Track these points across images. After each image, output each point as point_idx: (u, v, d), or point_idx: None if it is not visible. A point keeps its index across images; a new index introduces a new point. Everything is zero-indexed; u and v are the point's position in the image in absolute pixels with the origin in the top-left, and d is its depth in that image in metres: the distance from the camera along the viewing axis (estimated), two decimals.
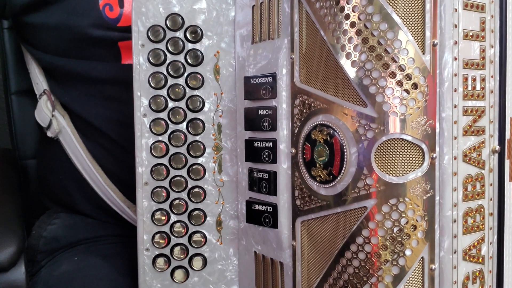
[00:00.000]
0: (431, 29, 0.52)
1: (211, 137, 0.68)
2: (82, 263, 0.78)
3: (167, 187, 0.68)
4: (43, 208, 0.89)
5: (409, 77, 0.51)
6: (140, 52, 0.66)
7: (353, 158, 0.53)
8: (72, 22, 0.74)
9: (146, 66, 0.66)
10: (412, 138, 0.52)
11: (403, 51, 0.51)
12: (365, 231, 0.53)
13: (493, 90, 0.56)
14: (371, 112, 0.52)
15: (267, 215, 0.62)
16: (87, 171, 0.71)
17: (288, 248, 0.61)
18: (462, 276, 0.55)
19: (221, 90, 0.68)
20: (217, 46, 0.67)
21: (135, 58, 0.66)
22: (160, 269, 0.68)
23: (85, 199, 0.82)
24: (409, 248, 0.53)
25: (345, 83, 0.54)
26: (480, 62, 0.54)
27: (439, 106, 0.52)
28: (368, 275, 0.54)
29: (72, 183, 0.81)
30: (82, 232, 0.83)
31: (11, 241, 0.69)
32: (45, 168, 0.84)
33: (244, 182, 0.66)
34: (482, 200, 0.56)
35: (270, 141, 0.61)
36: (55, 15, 0.71)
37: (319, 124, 0.56)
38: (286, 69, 0.60)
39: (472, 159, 0.54)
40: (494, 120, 0.56)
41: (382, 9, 0.51)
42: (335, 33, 0.54)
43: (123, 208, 0.73)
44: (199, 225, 0.69)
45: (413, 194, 0.52)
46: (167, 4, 0.66)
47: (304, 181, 0.58)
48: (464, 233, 0.54)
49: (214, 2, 0.67)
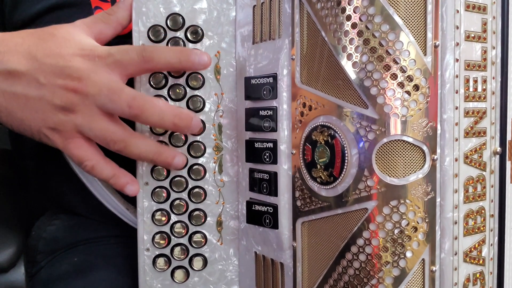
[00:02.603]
0: (432, 30, 0.51)
1: (212, 137, 0.68)
2: (82, 264, 0.78)
3: (168, 187, 0.68)
4: (43, 209, 0.89)
5: (410, 79, 0.51)
6: None
7: (354, 159, 0.53)
8: None
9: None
10: (413, 139, 0.52)
11: (404, 53, 0.51)
12: (366, 233, 0.53)
13: (495, 91, 0.56)
14: (372, 114, 0.52)
15: (268, 216, 0.62)
16: (85, 175, 0.71)
17: (288, 248, 0.61)
18: (463, 278, 0.55)
19: (221, 90, 0.68)
20: (218, 46, 0.67)
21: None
22: (161, 269, 0.68)
23: (83, 201, 0.82)
24: (410, 250, 0.53)
25: (346, 84, 0.54)
26: (482, 64, 0.54)
27: (441, 108, 0.52)
28: (369, 277, 0.54)
29: (70, 186, 0.80)
30: (81, 233, 0.83)
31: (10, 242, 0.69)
32: (44, 170, 0.84)
33: (245, 183, 0.66)
34: (483, 201, 0.56)
35: (271, 142, 0.61)
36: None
37: (320, 125, 0.56)
38: (287, 69, 0.60)
39: (473, 161, 0.54)
40: (495, 121, 0.56)
41: (383, 10, 0.51)
42: (336, 34, 0.54)
43: (122, 210, 0.73)
44: (199, 225, 0.69)
45: (414, 195, 0.52)
46: (168, 4, 0.66)
47: (304, 182, 0.58)
48: (465, 234, 0.54)
49: (215, 2, 0.67)
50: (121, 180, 0.64)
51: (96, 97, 0.60)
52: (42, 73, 0.60)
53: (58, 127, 0.61)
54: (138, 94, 0.61)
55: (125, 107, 0.60)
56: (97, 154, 0.63)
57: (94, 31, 0.64)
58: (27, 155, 0.86)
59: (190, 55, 0.63)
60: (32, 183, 0.90)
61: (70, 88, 0.60)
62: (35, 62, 0.60)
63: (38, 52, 0.60)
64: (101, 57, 0.60)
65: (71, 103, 0.60)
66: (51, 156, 0.64)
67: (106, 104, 0.60)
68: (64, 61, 0.60)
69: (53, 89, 0.60)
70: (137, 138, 0.63)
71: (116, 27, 0.65)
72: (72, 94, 0.60)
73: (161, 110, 0.61)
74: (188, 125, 0.63)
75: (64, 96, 0.60)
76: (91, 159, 0.62)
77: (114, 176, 0.64)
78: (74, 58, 0.60)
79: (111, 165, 0.64)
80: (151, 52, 0.61)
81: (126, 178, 0.65)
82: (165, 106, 0.62)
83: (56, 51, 0.60)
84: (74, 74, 0.59)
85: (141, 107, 0.60)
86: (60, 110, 0.60)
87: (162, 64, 0.63)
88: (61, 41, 0.61)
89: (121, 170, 0.65)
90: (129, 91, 0.61)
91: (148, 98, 0.61)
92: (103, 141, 0.62)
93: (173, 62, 0.63)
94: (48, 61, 0.60)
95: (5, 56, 0.60)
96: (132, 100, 0.60)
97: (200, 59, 0.63)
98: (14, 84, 0.60)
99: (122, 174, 0.64)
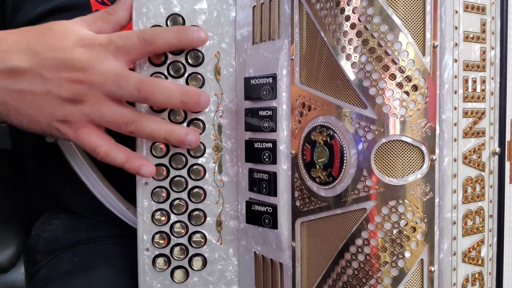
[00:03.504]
0: (431, 30, 0.51)
1: (212, 137, 0.68)
2: (82, 264, 0.78)
3: (167, 187, 0.68)
4: (43, 209, 0.89)
5: (409, 79, 0.51)
6: None
7: (353, 159, 0.53)
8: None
9: (146, 67, 0.66)
10: (412, 140, 0.52)
11: (403, 53, 0.51)
12: (365, 233, 0.54)
13: (494, 92, 0.56)
14: (371, 114, 0.52)
15: (267, 216, 0.62)
16: (85, 175, 0.71)
17: (287, 249, 0.61)
18: (462, 278, 0.55)
19: (221, 91, 0.68)
20: (218, 47, 0.67)
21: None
22: (160, 269, 0.69)
23: (83, 201, 0.82)
24: (409, 250, 0.53)
25: (345, 85, 0.54)
26: (481, 64, 0.54)
27: (439, 108, 0.52)
28: (367, 277, 0.54)
29: (70, 186, 0.81)
30: (81, 233, 0.83)
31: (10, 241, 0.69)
32: (44, 170, 0.84)
33: (244, 183, 0.66)
34: (482, 202, 0.56)
35: (270, 142, 0.61)
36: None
37: (319, 125, 0.56)
38: (287, 70, 0.60)
39: (472, 161, 0.54)
40: (494, 122, 0.56)
41: (382, 10, 0.51)
42: (335, 35, 0.54)
43: (122, 210, 0.73)
44: (199, 225, 0.69)
45: (413, 196, 0.52)
46: (168, 5, 0.66)
47: (304, 182, 0.58)
48: (464, 235, 0.54)
49: (215, 2, 0.67)
50: (135, 162, 0.64)
51: (103, 85, 0.60)
52: (45, 67, 0.60)
53: (68, 118, 0.61)
54: (145, 77, 0.62)
55: (134, 91, 0.60)
56: (108, 140, 0.64)
57: (93, 29, 0.64)
58: (28, 154, 0.86)
59: (188, 32, 0.64)
60: (32, 182, 0.90)
61: (76, 80, 0.60)
62: (37, 57, 0.60)
63: (39, 47, 0.61)
64: (103, 45, 0.61)
65: (78, 94, 0.60)
66: (51, 156, 0.64)
67: (114, 90, 0.60)
68: (66, 53, 0.60)
69: (58, 82, 0.60)
70: (148, 118, 0.63)
71: (115, 27, 0.66)
72: (78, 85, 0.60)
73: (169, 89, 0.62)
74: (196, 101, 0.64)
75: (70, 88, 0.60)
76: (103, 145, 0.63)
77: (128, 160, 0.64)
78: (76, 49, 0.60)
79: (124, 149, 0.64)
80: (152, 35, 0.62)
81: (140, 160, 0.64)
82: (172, 85, 0.62)
83: (56, 44, 0.61)
84: (77, 65, 0.60)
85: (150, 89, 0.60)
86: (68, 102, 0.60)
87: (163, 45, 0.63)
88: (60, 34, 0.61)
89: (134, 153, 0.65)
90: (135, 75, 0.61)
91: (155, 80, 0.62)
92: (115, 125, 0.62)
93: (174, 41, 0.63)
94: (49, 55, 0.60)
95: (6, 55, 0.60)
96: (140, 84, 0.60)
97: (199, 35, 0.64)
98: (18, 81, 0.61)
99: (136, 157, 0.64)
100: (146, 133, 0.63)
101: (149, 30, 0.64)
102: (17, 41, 0.61)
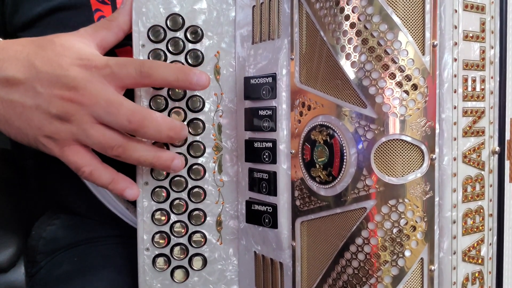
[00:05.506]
0: (431, 30, 0.52)
1: (211, 137, 0.68)
2: (82, 264, 0.78)
3: (167, 187, 0.68)
4: (43, 209, 0.89)
5: (408, 78, 0.51)
6: (141, 52, 0.66)
7: (353, 159, 0.53)
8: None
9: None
10: (411, 139, 0.52)
11: (403, 52, 0.51)
12: (365, 232, 0.54)
13: (493, 91, 0.56)
14: (370, 113, 0.52)
15: (267, 215, 0.62)
16: None
17: (287, 248, 0.62)
18: (462, 277, 0.55)
19: (221, 90, 0.68)
20: (218, 46, 0.67)
21: (136, 58, 0.66)
22: (160, 269, 0.69)
23: (83, 201, 0.82)
24: (409, 249, 0.53)
25: (345, 84, 0.54)
26: (480, 63, 0.54)
27: (439, 107, 0.52)
28: (368, 276, 0.54)
29: (70, 186, 0.81)
30: (81, 233, 0.83)
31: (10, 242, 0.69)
32: (44, 170, 0.84)
33: (244, 182, 0.66)
34: (481, 201, 0.56)
35: (270, 142, 0.61)
36: (50, 29, 0.72)
37: (319, 124, 0.56)
38: (286, 69, 0.60)
39: (472, 160, 0.54)
40: (494, 121, 0.56)
41: (382, 10, 0.51)
42: (335, 34, 0.54)
43: (122, 209, 0.73)
44: (199, 225, 0.69)
45: (413, 195, 0.52)
46: (168, 4, 0.66)
47: (303, 182, 0.58)
48: (464, 234, 0.54)
49: (214, 2, 0.67)
50: (120, 184, 0.64)
51: (92, 108, 0.59)
52: (39, 81, 0.59)
53: (54, 135, 0.61)
54: (137, 108, 0.61)
55: (124, 121, 0.59)
56: (94, 160, 0.63)
57: (97, 39, 0.64)
58: (28, 154, 0.86)
59: (189, 74, 0.62)
60: (32, 183, 0.90)
61: (66, 98, 0.59)
62: (33, 70, 0.60)
63: (37, 60, 0.60)
64: (98, 68, 0.60)
65: (67, 113, 0.59)
66: (51, 156, 0.64)
67: (102, 116, 0.59)
68: (62, 70, 0.59)
69: (49, 98, 0.59)
70: (135, 142, 0.62)
71: (118, 33, 0.65)
72: (67, 104, 0.59)
73: (158, 123, 0.61)
74: (180, 137, 0.64)
75: (60, 105, 0.59)
76: (88, 164, 0.62)
77: (113, 181, 0.63)
78: (72, 68, 0.60)
79: (109, 170, 0.63)
80: (150, 68, 0.61)
81: (125, 182, 0.64)
82: (162, 120, 0.61)
83: (55, 60, 0.60)
84: (70, 84, 0.59)
85: (141, 122, 0.60)
86: (56, 119, 0.60)
87: (159, 81, 0.62)
88: (60, 49, 0.61)
89: (119, 174, 0.64)
90: (128, 104, 0.60)
91: (146, 112, 0.61)
92: (101, 148, 0.61)
93: (171, 80, 0.62)
94: (46, 69, 0.60)
95: (4, 64, 0.60)
96: (132, 115, 0.59)
97: (199, 79, 0.62)
98: (11, 91, 0.60)
99: (120, 179, 0.64)
100: (133, 159, 0.63)
101: (149, 62, 0.63)
102: (18, 52, 0.61)
